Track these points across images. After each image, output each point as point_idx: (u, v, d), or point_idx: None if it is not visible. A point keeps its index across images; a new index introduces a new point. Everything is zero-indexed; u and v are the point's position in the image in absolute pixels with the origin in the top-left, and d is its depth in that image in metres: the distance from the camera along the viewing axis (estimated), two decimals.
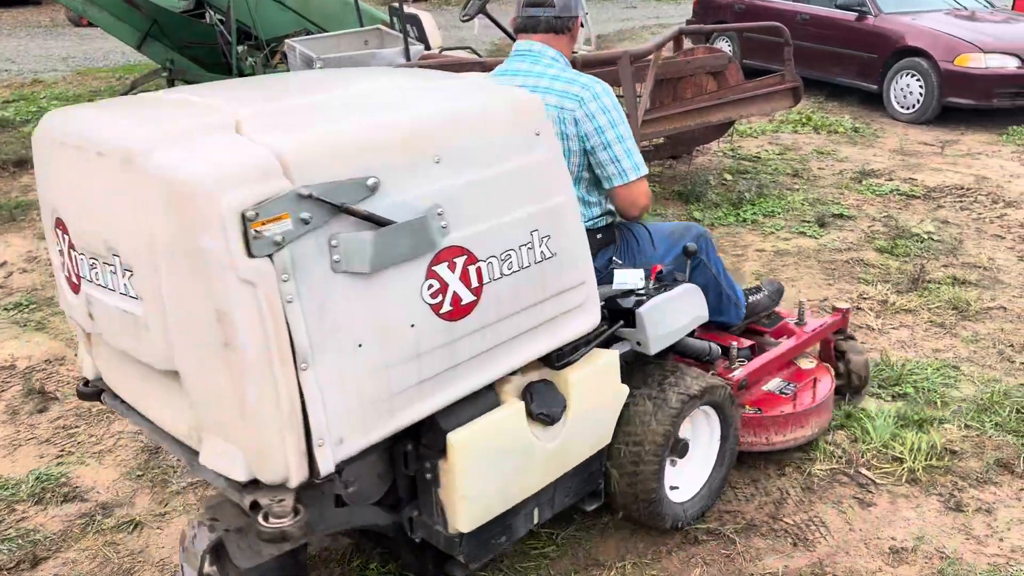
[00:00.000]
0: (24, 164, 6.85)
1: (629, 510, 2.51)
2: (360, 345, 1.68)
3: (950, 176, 6.43)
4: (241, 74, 7.93)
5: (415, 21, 6.58)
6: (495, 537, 2.14)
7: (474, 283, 1.87)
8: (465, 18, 6.67)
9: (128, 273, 1.69)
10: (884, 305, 4.24)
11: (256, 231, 1.50)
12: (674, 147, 6.42)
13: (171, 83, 7.92)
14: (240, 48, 7.94)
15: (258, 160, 1.54)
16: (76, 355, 3.88)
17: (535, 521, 2.26)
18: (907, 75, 8.10)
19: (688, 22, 10.74)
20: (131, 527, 2.77)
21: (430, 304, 1.79)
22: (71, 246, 1.87)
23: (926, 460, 2.97)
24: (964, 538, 2.64)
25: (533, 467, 2.14)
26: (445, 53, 6.36)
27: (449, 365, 1.86)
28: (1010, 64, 7.73)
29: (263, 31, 8.40)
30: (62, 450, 3.19)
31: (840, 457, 3.02)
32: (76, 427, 3.34)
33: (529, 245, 1.98)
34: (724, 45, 9.88)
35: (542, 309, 2.05)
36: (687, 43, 6.39)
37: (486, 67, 4.82)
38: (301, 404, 1.60)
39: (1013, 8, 12.90)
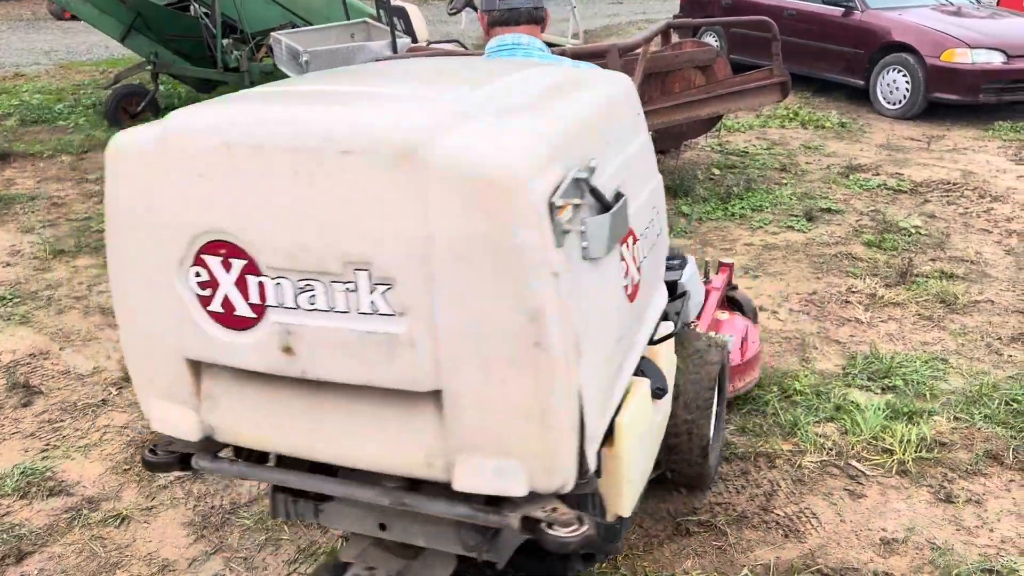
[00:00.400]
0: (7, 158, 6.78)
1: (682, 448, 2.58)
2: (601, 334, 1.61)
3: (937, 171, 6.46)
4: (227, 68, 7.87)
5: (402, 14, 6.55)
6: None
7: (638, 262, 1.88)
8: (452, 11, 6.67)
9: (383, 287, 1.46)
10: (872, 299, 4.25)
11: (558, 220, 1.41)
12: (662, 142, 6.41)
13: (155, 77, 7.84)
14: (225, 42, 7.86)
15: (541, 146, 1.44)
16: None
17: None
18: (893, 70, 8.14)
19: (675, 17, 10.75)
20: (118, 521, 2.74)
21: (623, 286, 1.76)
22: (250, 271, 1.53)
23: (916, 452, 2.98)
24: (955, 529, 2.65)
25: (654, 442, 2.16)
26: (432, 46, 6.33)
27: (629, 347, 1.83)
28: (996, 59, 7.78)
29: (248, 24, 8.33)
30: (47, 444, 3.16)
31: (830, 449, 3.02)
32: (61, 421, 3.30)
33: (652, 222, 2.00)
34: (710, 40, 9.88)
35: (654, 285, 2.08)
36: (674, 37, 6.39)
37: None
38: (579, 402, 1.51)
39: (998, 4, 13.01)
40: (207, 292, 1.58)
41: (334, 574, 1.94)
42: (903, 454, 2.96)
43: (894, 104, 8.18)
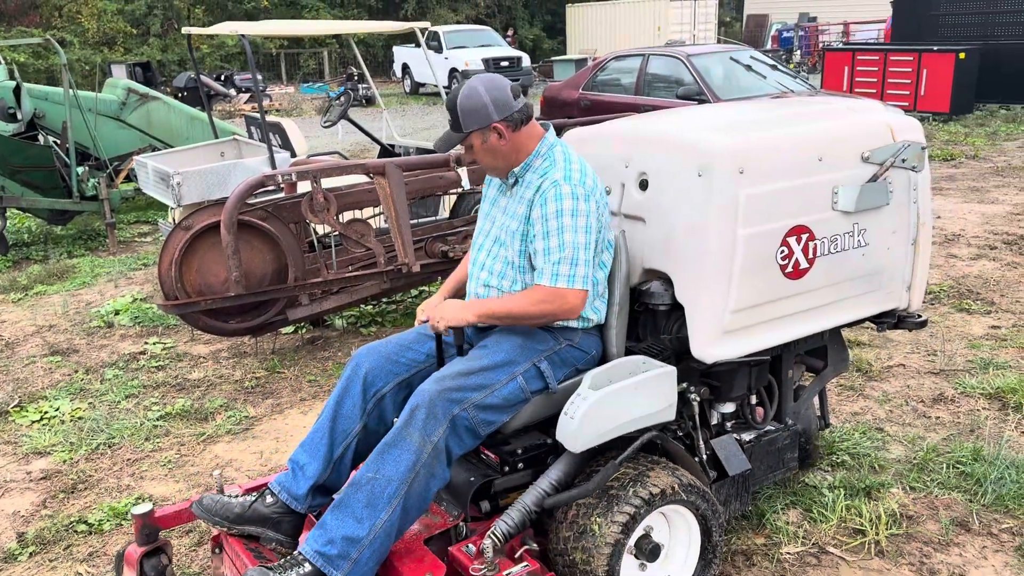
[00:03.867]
0: None
1: None
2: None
3: None
4: (83, 196, 7.38)
5: (277, 129, 6.34)
6: None
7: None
8: (327, 124, 6.51)
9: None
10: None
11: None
12: None
13: (2, 211, 7.24)
14: (80, 170, 7.40)
15: None
16: None
17: None
18: None
19: (538, 119, 11.01)
20: None
21: None
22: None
23: (887, 529, 2.90)
24: None
25: None
26: (313, 158, 6.13)
27: None
28: None
29: (103, 150, 7.92)
30: None
31: (804, 538, 2.90)
32: None
33: None
34: None
35: None
36: None
37: (368, 168, 4.64)
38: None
39: (821, 87, 14.17)
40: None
41: None
42: (876, 534, 2.88)
43: None
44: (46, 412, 4.22)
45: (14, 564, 3.01)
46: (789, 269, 2.55)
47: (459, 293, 2.83)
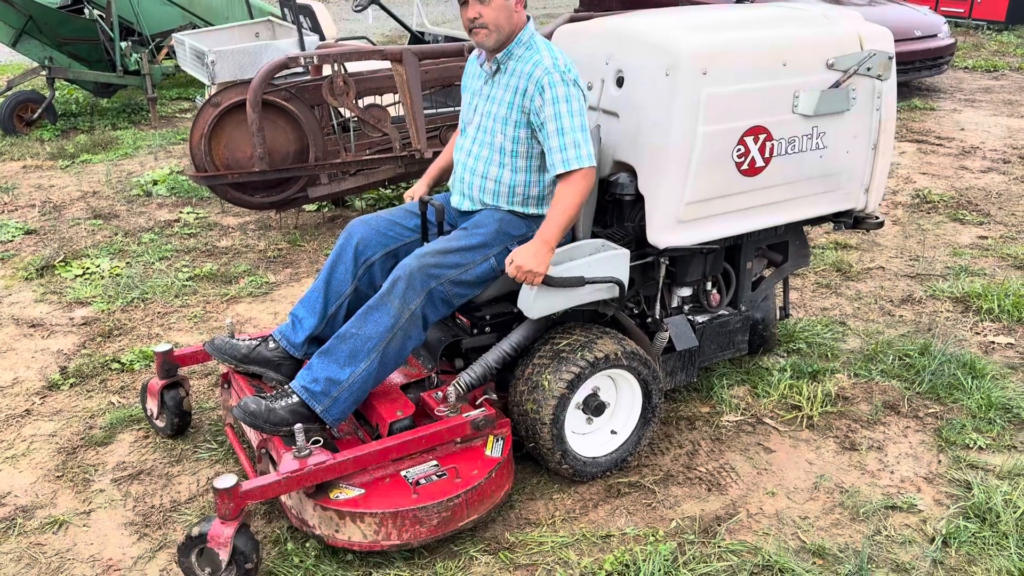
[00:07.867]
0: None
1: None
2: None
3: None
4: (126, 71, 7.69)
5: (308, 12, 6.53)
6: None
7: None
8: (358, 8, 6.67)
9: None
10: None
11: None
12: None
13: (51, 82, 7.59)
14: (124, 44, 7.68)
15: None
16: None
17: None
18: None
19: (576, 10, 10.96)
20: (55, 527, 2.72)
21: None
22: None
23: (821, 407, 3.22)
24: (860, 473, 2.89)
25: None
26: (341, 42, 6.34)
27: None
28: None
29: (146, 26, 8.16)
30: None
31: (744, 410, 3.23)
32: None
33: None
34: None
35: None
36: None
37: (385, 55, 4.87)
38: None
39: None
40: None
41: None
42: (810, 410, 3.20)
43: None
44: (88, 268, 4.66)
45: (57, 392, 3.48)
46: (745, 167, 2.79)
47: (443, 178, 3.12)
